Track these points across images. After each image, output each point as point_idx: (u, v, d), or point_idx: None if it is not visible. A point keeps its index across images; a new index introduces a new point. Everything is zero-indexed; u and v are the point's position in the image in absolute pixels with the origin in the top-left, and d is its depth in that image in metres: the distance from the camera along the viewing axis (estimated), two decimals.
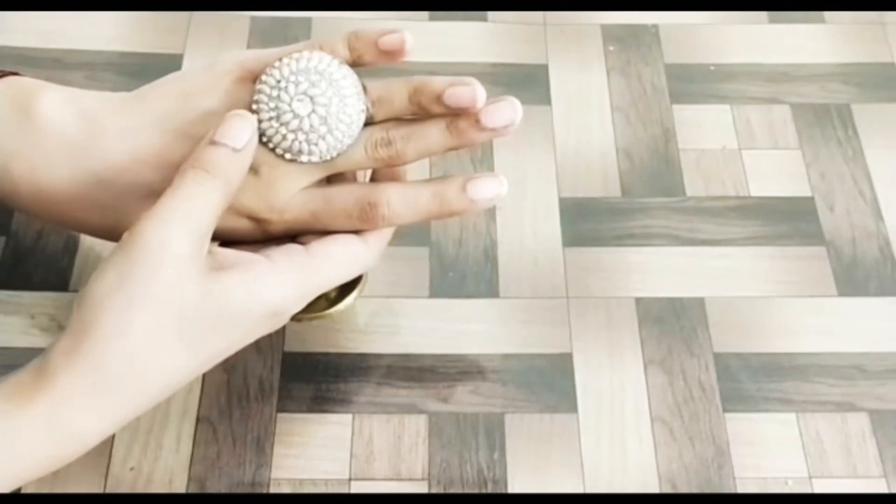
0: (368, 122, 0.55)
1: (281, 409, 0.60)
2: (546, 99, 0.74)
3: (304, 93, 0.53)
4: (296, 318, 0.55)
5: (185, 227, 0.50)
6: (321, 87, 0.53)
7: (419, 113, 0.54)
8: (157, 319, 0.48)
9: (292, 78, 0.53)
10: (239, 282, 0.50)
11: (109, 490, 0.57)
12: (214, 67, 0.55)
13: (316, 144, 0.53)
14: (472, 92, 0.53)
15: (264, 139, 0.53)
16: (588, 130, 0.73)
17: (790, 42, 0.78)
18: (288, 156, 0.54)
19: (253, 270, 0.51)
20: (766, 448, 0.59)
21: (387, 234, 0.56)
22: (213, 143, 0.51)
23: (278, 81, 0.53)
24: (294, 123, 0.53)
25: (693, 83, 0.75)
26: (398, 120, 0.55)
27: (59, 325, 0.62)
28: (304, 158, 0.54)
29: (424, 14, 0.78)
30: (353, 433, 0.59)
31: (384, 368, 0.61)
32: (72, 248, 0.65)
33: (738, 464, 0.59)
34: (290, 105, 0.53)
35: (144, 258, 0.49)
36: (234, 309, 0.50)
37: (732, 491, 0.58)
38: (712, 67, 0.76)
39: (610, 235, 0.67)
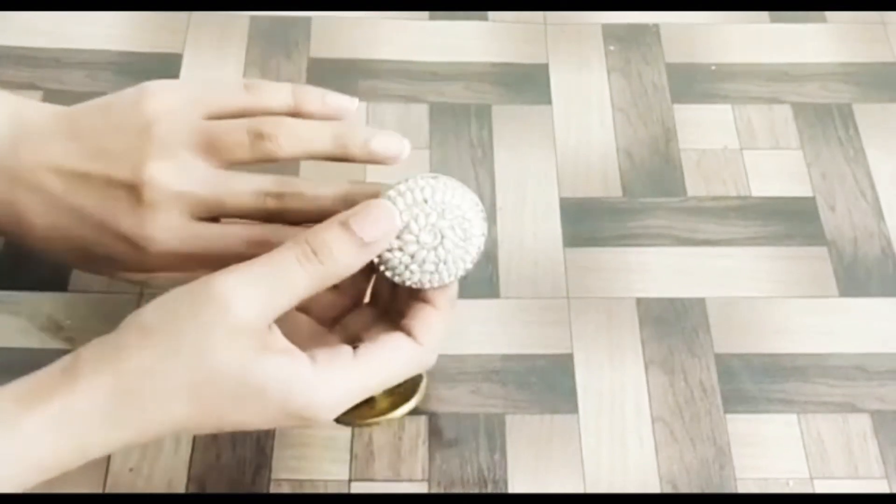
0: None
1: None
2: (546, 99, 0.74)
3: (440, 230, 0.51)
4: (348, 422, 0.53)
5: (262, 297, 0.48)
6: (457, 232, 0.51)
7: (336, 154, 0.55)
8: (189, 373, 0.48)
9: (438, 206, 0.51)
10: (275, 370, 0.48)
11: (109, 491, 0.57)
12: (144, 106, 0.55)
13: (413, 274, 0.52)
14: (401, 143, 0.55)
15: (387, 271, 0.52)
16: (588, 130, 0.72)
17: (791, 42, 0.78)
18: (381, 267, 0.52)
19: (292, 364, 0.49)
20: (768, 449, 0.59)
21: (441, 329, 0.53)
22: (343, 225, 0.49)
23: (424, 200, 0.51)
24: (412, 248, 0.51)
25: (694, 83, 0.75)
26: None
27: (57, 326, 0.62)
28: (388, 274, 0.52)
29: (424, 14, 0.78)
30: (353, 434, 0.59)
31: None
32: None
33: (739, 464, 0.59)
34: (419, 232, 0.51)
35: (204, 309, 0.48)
36: (267, 396, 0.48)
37: (733, 491, 0.58)
38: (713, 67, 0.76)
39: (610, 236, 0.67)
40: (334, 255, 0.49)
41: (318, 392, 0.50)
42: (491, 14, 0.79)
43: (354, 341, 0.53)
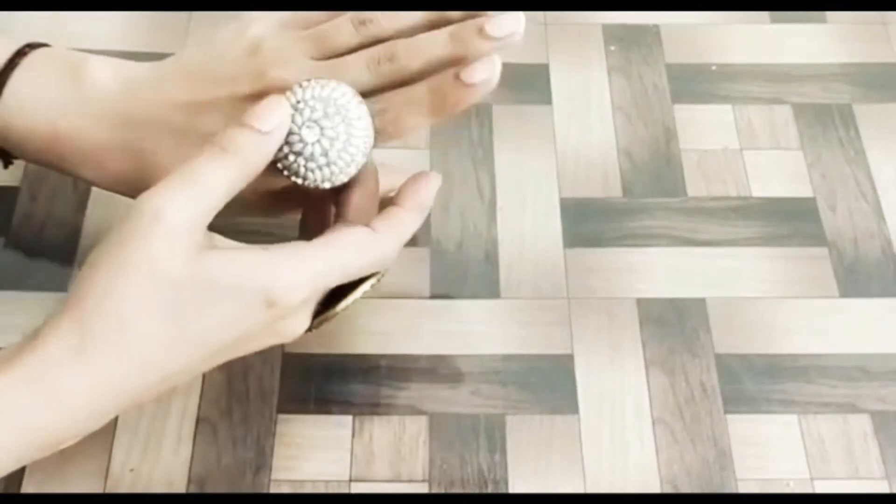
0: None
1: (281, 410, 0.60)
2: (547, 99, 0.74)
3: (316, 121, 0.53)
4: (313, 325, 0.54)
5: (185, 200, 0.49)
6: (333, 120, 0.53)
7: (436, 23, 0.55)
8: (141, 287, 0.48)
9: (311, 102, 0.53)
10: (227, 260, 0.49)
11: (109, 491, 0.57)
12: (246, 32, 0.57)
13: (312, 172, 0.53)
14: (514, 20, 0.54)
15: (279, 165, 0.54)
16: (589, 130, 0.72)
17: (792, 42, 0.78)
18: (285, 172, 0.54)
19: (242, 253, 0.50)
20: (768, 449, 0.59)
21: (402, 224, 0.55)
22: (239, 123, 0.51)
23: (297, 102, 0.53)
24: (298, 146, 0.53)
25: (694, 83, 0.75)
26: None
27: None
28: (297, 180, 0.54)
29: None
30: (353, 434, 0.59)
31: (385, 369, 0.61)
32: (72, 247, 0.65)
33: (740, 465, 0.59)
34: (299, 128, 0.53)
35: (138, 226, 0.48)
36: (220, 286, 0.49)
37: (734, 492, 0.58)
38: (714, 67, 0.76)
39: (611, 236, 0.67)
40: (240, 146, 0.50)
41: (274, 272, 0.50)
42: (491, 15, 0.78)
43: None
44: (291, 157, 0.53)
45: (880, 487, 0.58)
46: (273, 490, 0.57)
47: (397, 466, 0.58)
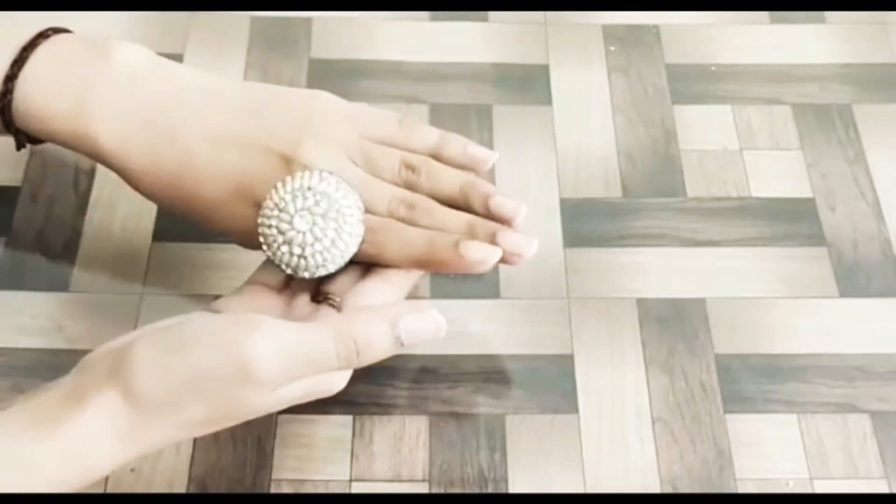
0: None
1: (282, 411, 0.59)
2: (547, 99, 0.74)
3: (308, 209, 0.54)
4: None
5: (283, 366, 0.50)
6: (322, 206, 0.54)
7: (462, 205, 0.57)
8: (211, 408, 0.50)
9: (299, 193, 0.54)
10: (221, 321, 0.51)
11: (110, 491, 0.57)
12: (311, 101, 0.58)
13: (304, 259, 0.54)
14: (517, 208, 0.57)
15: (260, 230, 0.55)
16: (589, 131, 0.73)
17: (791, 42, 0.78)
18: (268, 252, 0.55)
19: (237, 320, 0.51)
20: (767, 449, 0.59)
21: (372, 350, 0.53)
22: (392, 327, 0.52)
23: (286, 193, 0.54)
24: (287, 232, 0.54)
25: (694, 83, 0.75)
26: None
27: (58, 326, 0.62)
28: (280, 266, 0.54)
29: (425, 14, 0.78)
30: (353, 434, 0.59)
31: (385, 369, 0.61)
32: (72, 248, 0.65)
33: (739, 465, 0.59)
34: (291, 217, 0.54)
35: (225, 364, 0.49)
36: (204, 361, 0.49)
37: (733, 492, 0.58)
38: (713, 68, 0.76)
39: (611, 236, 0.67)
40: (372, 351, 0.52)
41: (259, 341, 0.49)
42: (491, 14, 0.79)
43: None
44: (279, 240, 0.54)
45: (879, 487, 0.58)
46: (273, 490, 0.57)
47: (397, 466, 0.58)
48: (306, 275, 0.54)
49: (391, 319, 0.52)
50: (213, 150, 0.56)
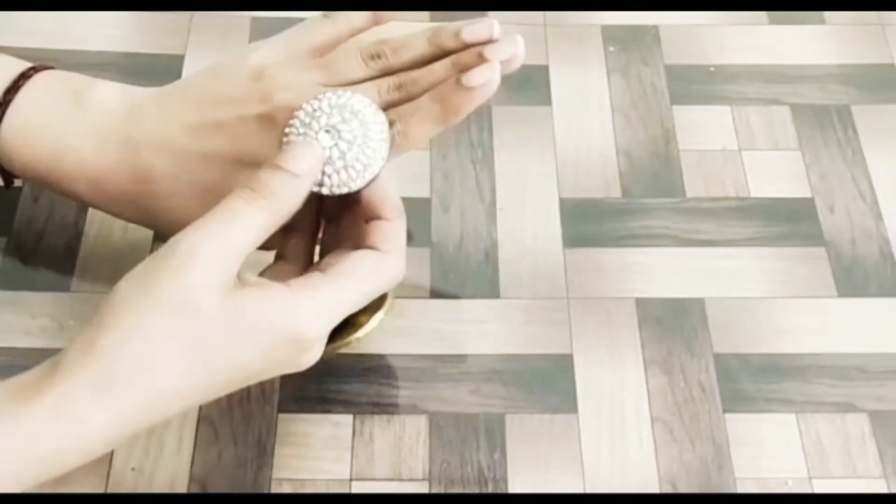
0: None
1: (282, 410, 0.60)
2: (546, 100, 0.74)
3: (333, 126, 0.54)
4: (327, 354, 0.54)
5: (219, 240, 0.50)
6: (351, 124, 0.54)
7: (437, 54, 0.57)
8: (172, 325, 0.48)
9: (327, 109, 0.54)
10: (257, 301, 0.50)
11: (111, 490, 0.57)
12: (249, 59, 0.58)
13: (329, 176, 0.54)
14: (489, 27, 0.56)
15: None
16: (588, 131, 0.73)
17: (790, 43, 0.78)
18: (317, 188, 0.54)
19: (269, 291, 0.51)
20: (766, 448, 0.59)
21: (399, 236, 0.55)
22: (272, 166, 0.52)
23: (314, 110, 0.54)
24: None
25: (693, 84, 0.75)
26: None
27: (60, 326, 0.62)
28: (314, 187, 0.54)
29: (425, 14, 0.78)
30: (353, 433, 0.59)
31: (385, 369, 0.62)
32: (73, 248, 0.66)
33: (738, 464, 0.59)
34: (316, 133, 0.54)
35: (171, 264, 0.49)
36: (250, 328, 0.50)
37: (732, 491, 0.58)
38: (712, 68, 0.76)
39: (610, 236, 0.68)
40: (274, 190, 0.51)
41: (300, 311, 0.51)
42: (491, 15, 0.78)
43: None
44: None
45: (878, 486, 0.58)
46: (274, 489, 0.57)
47: (397, 465, 0.58)
48: (325, 191, 0.54)
49: (271, 162, 0.52)
50: (195, 143, 0.57)
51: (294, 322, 0.51)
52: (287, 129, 0.54)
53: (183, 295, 0.49)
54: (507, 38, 0.56)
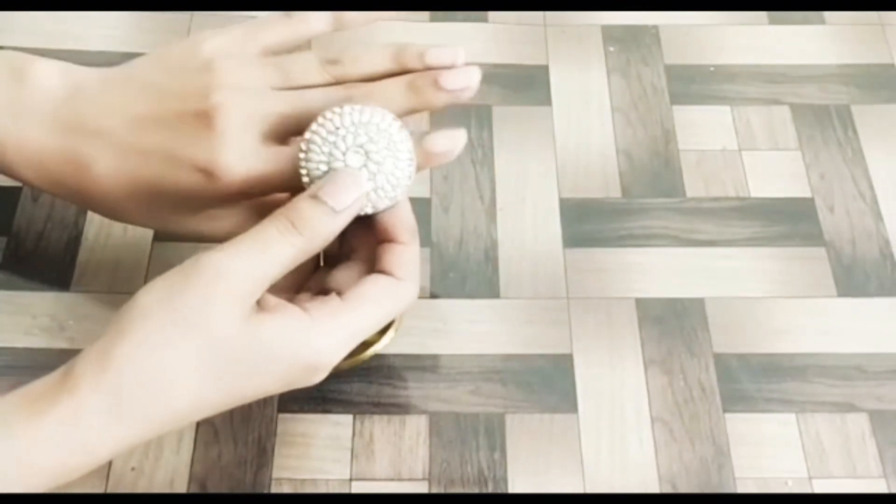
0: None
1: (282, 410, 0.60)
2: (546, 100, 0.74)
3: (361, 146, 0.52)
4: (336, 370, 0.53)
5: (248, 267, 0.49)
6: (379, 144, 0.52)
7: (396, 70, 0.56)
8: (191, 346, 0.48)
9: (352, 129, 0.52)
10: (278, 328, 0.50)
11: (111, 490, 0.57)
12: (201, 47, 0.56)
13: (369, 192, 0.52)
14: (454, 54, 0.55)
15: (306, 179, 0.52)
16: (588, 131, 0.73)
17: (790, 43, 0.78)
18: None
19: (288, 319, 0.50)
20: (766, 448, 0.59)
21: (412, 260, 0.54)
22: (314, 198, 0.51)
23: (337, 129, 0.52)
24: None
25: (693, 84, 0.75)
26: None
27: (60, 326, 0.62)
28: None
29: (425, 14, 0.78)
30: (353, 433, 0.59)
31: (385, 369, 0.62)
32: (73, 248, 0.66)
33: (738, 464, 0.59)
34: (343, 154, 0.52)
35: (196, 283, 0.49)
36: (268, 354, 0.49)
37: (732, 491, 0.58)
38: (712, 68, 0.76)
39: (610, 236, 0.68)
40: (310, 225, 0.51)
41: (319, 339, 0.51)
42: (491, 15, 0.79)
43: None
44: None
45: (878, 486, 0.58)
46: (274, 489, 0.57)
47: (397, 465, 0.58)
48: (370, 210, 0.53)
49: (310, 192, 0.51)
50: (133, 137, 0.55)
51: (312, 350, 0.50)
52: (305, 147, 0.52)
53: (205, 317, 0.48)
54: (465, 68, 0.55)
